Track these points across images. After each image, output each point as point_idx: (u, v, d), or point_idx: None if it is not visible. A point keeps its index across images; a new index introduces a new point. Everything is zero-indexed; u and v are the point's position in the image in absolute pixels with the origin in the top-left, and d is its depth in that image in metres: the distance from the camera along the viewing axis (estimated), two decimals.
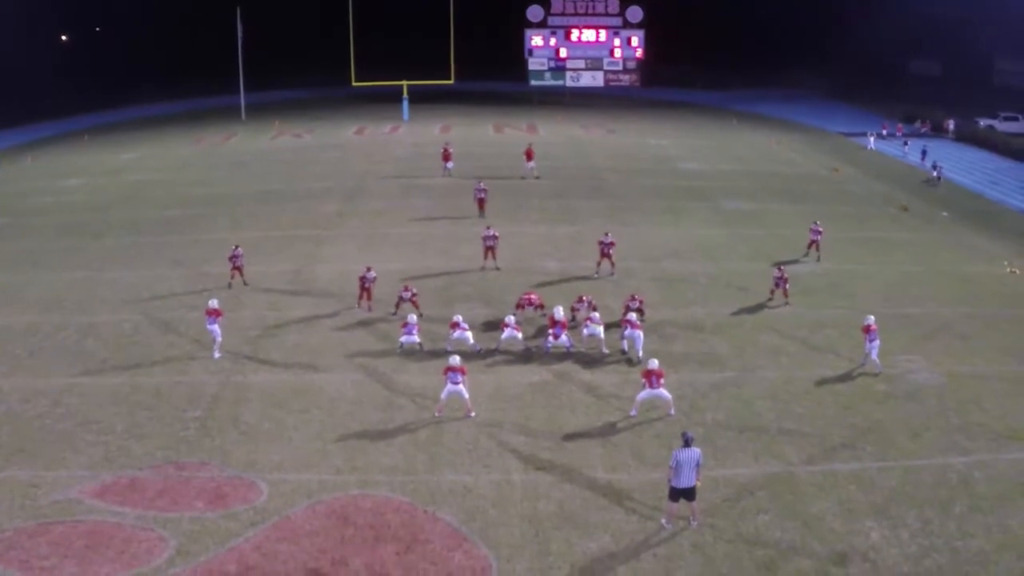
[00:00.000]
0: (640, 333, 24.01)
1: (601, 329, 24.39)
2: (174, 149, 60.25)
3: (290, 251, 34.29)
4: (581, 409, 21.28)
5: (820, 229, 33.38)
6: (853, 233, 37.45)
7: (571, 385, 22.59)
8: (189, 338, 25.64)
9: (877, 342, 23.37)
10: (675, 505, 16.38)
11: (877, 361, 23.47)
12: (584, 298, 26.14)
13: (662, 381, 20.54)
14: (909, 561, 15.69)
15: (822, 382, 22.88)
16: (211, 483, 18.02)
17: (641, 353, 23.68)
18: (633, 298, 26.06)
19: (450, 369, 20.48)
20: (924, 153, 53.51)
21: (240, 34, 70.63)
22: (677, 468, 16.02)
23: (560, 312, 24.35)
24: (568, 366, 23.68)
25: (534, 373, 23.30)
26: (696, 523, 16.55)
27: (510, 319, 24.65)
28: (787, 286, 28.41)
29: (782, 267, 28.90)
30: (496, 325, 25.53)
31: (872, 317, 23.86)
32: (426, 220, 38.71)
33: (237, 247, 30.20)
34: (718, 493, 17.68)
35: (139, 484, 18.03)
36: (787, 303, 28.28)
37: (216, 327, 24.24)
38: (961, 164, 52.76)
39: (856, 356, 24.14)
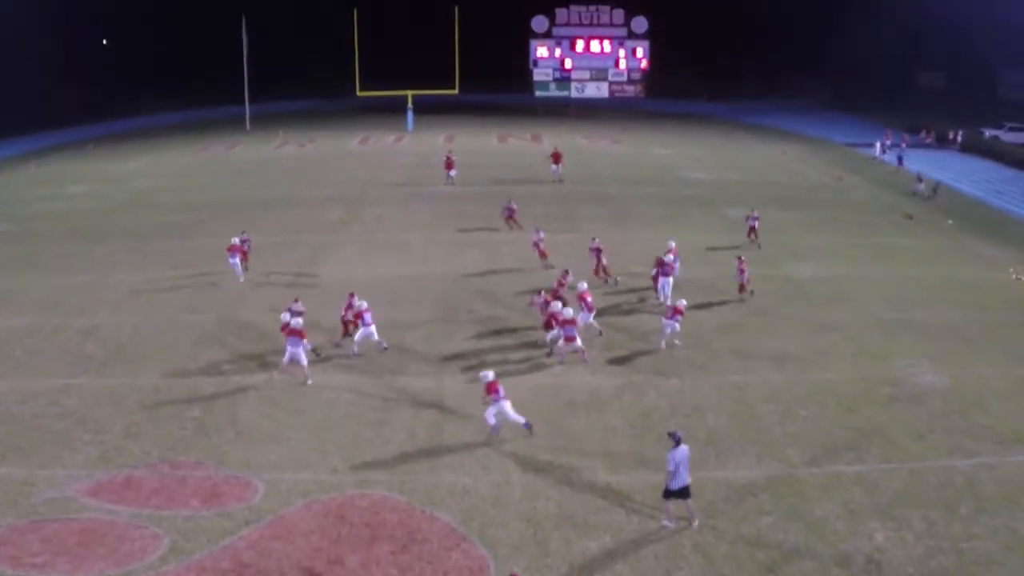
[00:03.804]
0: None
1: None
2: (178, 158, 60.31)
3: (292, 255, 34.20)
4: (582, 412, 21.06)
5: (757, 216, 35.83)
6: (857, 239, 37.27)
7: (571, 388, 22.38)
8: (189, 339, 25.50)
9: (670, 279, 27.69)
10: (671, 504, 16.18)
11: (661, 295, 27.73)
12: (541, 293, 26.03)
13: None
14: (914, 563, 15.45)
15: (825, 385, 22.66)
16: (207, 482, 17.84)
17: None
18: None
19: (291, 333, 21.93)
20: (900, 160, 53.84)
21: (245, 45, 70.77)
22: (676, 469, 15.83)
23: (569, 311, 23.91)
24: (569, 369, 23.47)
25: (534, 376, 23.08)
26: (697, 523, 16.33)
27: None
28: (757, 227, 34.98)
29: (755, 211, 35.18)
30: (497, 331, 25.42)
31: (671, 255, 28.78)
32: (428, 228, 38.57)
33: (244, 232, 32.30)
34: (719, 494, 17.47)
35: (134, 482, 17.86)
36: (759, 246, 34.13)
37: (237, 261, 29.94)
38: (965, 174, 52.48)
39: (860, 362, 24.07)
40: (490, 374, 19.82)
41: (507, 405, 19.24)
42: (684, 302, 25.23)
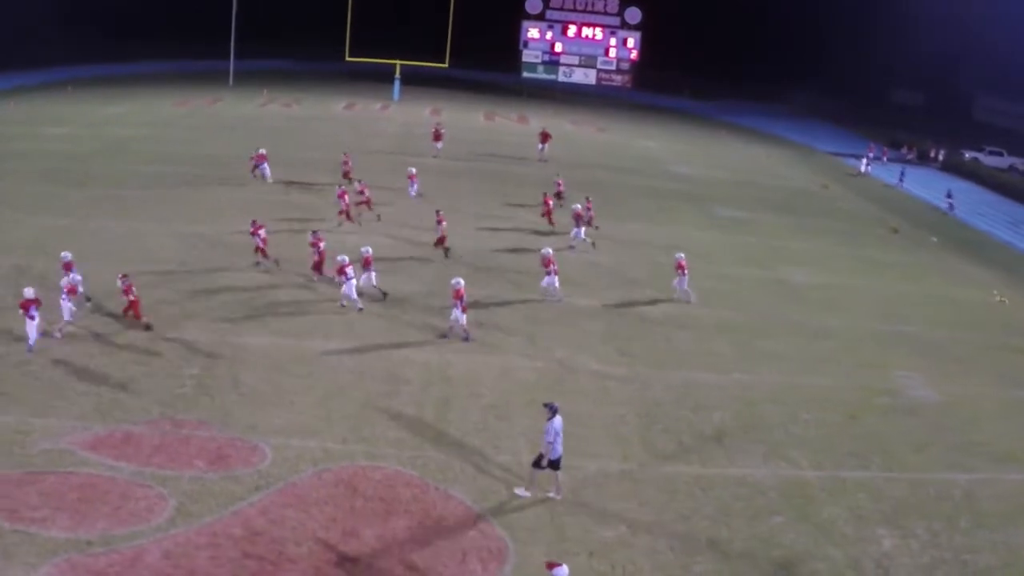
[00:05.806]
0: None
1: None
2: (158, 108, 58.92)
3: (280, 216, 33.49)
4: (590, 397, 20.92)
5: (560, 182, 39.36)
6: (845, 249, 37.52)
7: (577, 373, 22.23)
8: (182, 293, 24.90)
9: (686, 277, 27.76)
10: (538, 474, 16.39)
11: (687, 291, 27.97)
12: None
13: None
14: (921, 570, 15.64)
15: (824, 391, 22.76)
16: (211, 443, 17.38)
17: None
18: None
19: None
20: (902, 177, 54.30)
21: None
22: (556, 439, 16.01)
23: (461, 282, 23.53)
24: (573, 354, 23.28)
25: (539, 359, 22.87)
26: (560, 495, 16.45)
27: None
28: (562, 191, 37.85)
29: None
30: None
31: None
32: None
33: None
34: (729, 491, 17.46)
35: (134, 438, 17.32)
36: (561, 205, 36.04)
37: (265, 166, 35.34)
38: (945, 192, 53.08)
39: (858, 370, 24.24)
40: (30, 291, 20.67)
41: (34, 324, 20.47)
42: (682, 255, 27.89)
